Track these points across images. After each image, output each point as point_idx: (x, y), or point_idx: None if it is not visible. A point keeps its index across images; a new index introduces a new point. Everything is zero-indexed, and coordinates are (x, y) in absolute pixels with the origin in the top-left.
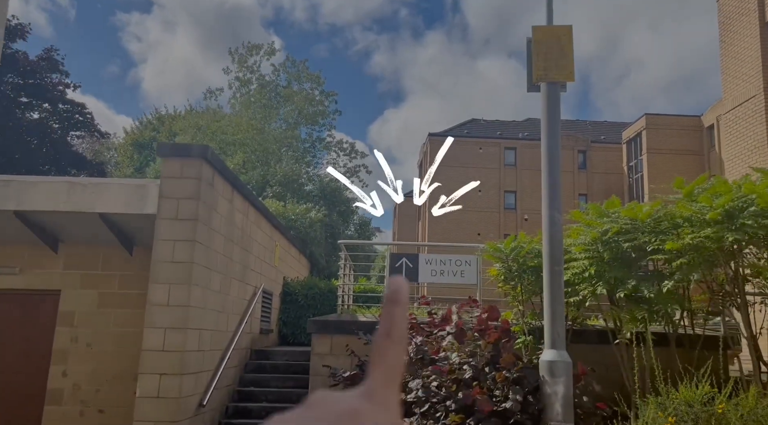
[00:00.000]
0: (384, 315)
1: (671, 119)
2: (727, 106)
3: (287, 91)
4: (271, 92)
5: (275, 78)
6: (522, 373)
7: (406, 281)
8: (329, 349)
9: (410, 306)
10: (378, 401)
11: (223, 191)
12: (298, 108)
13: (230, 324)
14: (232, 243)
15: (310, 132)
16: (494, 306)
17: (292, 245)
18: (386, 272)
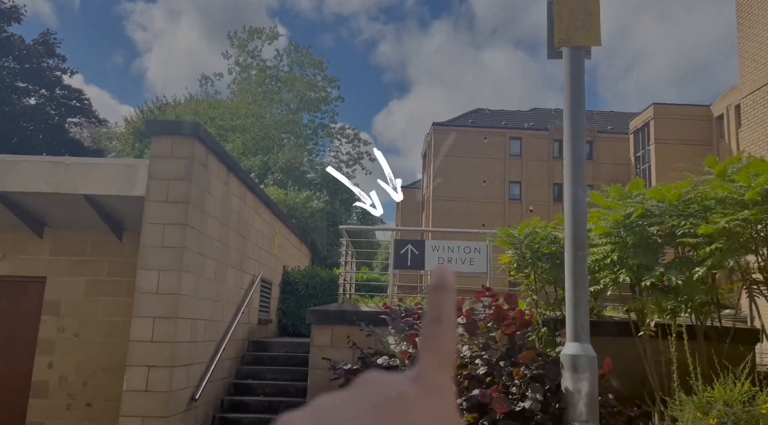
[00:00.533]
0: (432, 301)
1: (680, 109)
2: (744, 91)
3: (289, 76)
4: (272, 77)
5: (277, 63)
6: (541, 369)
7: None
8: (329, 341)
9: (415, 297)
10: (428, 386)
11: (218, 173)
12: (299, 94)
13: (226, 314)
14: (227, 228)
15: (312, 118)
16: (513, 295)
17: (293, 233)
18: (390, 260)
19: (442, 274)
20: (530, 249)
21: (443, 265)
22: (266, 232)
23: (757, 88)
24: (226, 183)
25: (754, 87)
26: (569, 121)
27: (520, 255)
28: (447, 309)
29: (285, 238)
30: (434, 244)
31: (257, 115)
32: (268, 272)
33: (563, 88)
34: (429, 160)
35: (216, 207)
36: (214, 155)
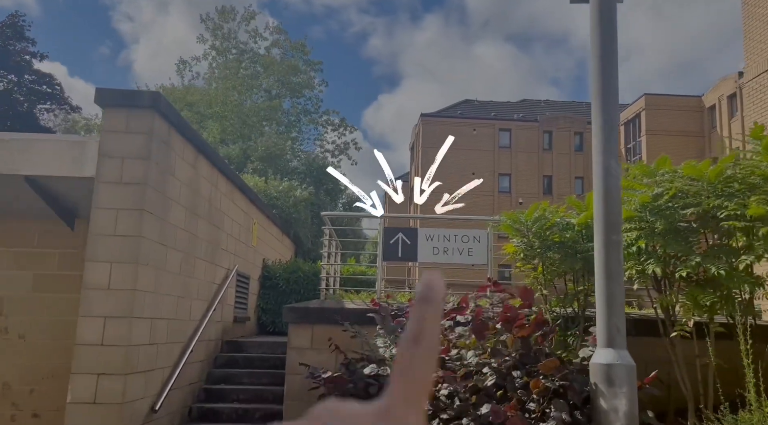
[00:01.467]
0: (413, 316)
1: (671, 100)
2: (750, 74)
3: (267, 59)
4: (250, 61)
5: (254, 46)
6: (565, 380)
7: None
8: (309, 342)
9: (406, 292)
10: (395, 422)
11: (184, 152)
12: (280, 78)
13: (195, 312)
14: (196, 216)
15: (295, 104)
16: (530, 289)
17: (274, 224)
18: (379, 250)
19: (429, 283)
20: (539, 238)
21: (433, 272)
22: (243, 222)
23: (764, 70)
24: (193, 165)
25: (760, 69)
26: (599, 78)
27: (528, 244)
28: (429, 328)
29: (265, 230)
30: (428, 233)
31: (235, 102)
32: (245, 265)
33: (590, 38)
34: (417, 152)
35: (181, 192)
36: (178, 132)
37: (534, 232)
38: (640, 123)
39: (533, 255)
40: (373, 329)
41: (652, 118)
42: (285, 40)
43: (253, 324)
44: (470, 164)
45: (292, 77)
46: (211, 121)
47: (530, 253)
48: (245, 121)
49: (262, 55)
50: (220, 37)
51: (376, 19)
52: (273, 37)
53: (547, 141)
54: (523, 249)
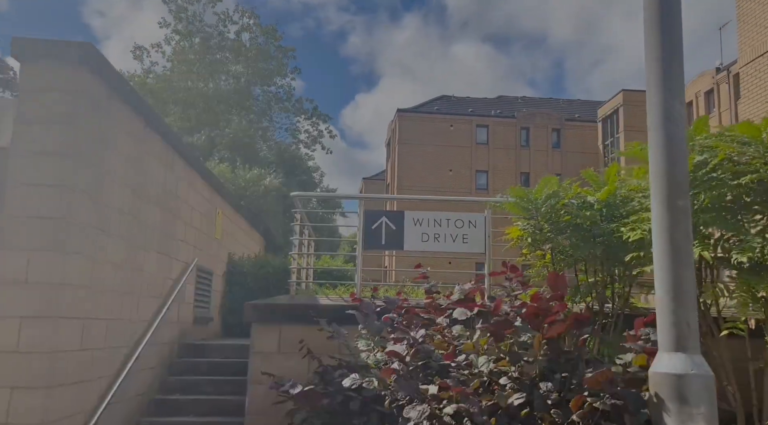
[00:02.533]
0: None
1: None
2: (745, 58)
3: (236, 43)
4: (217, 46)
5: (223, 29)
6: (618, 398)
7: None
8: (276, 346)
9: (392, 286)
10: None
11: (127, 123)
12: (249, 64)
13: (144, 311)
14: (145, 200)
15: (266, 92)
16: (560, 276)
17: (242, 217)
18: (359, 236)
19: None
20: (549, 219)
21: None
22: (205, 211)
23: (760, 54)
24: (141, 139)
25: (756, 53)
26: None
27: (536, 227)
28: None
29: (232, 222)
30: (417, 216)
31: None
32: (207, 260)
33: None
34: (393, 148)
35: (125, 169)
36: (119, 97)
37: (543, 213)
38: (618, 119)
39: (543, 239)
40: (354, 329)
41: (630, 114)
42: (255, 25)
43: (217, 325)
44: (447, 160)
45: (262, 63)
46: (174, 107)
47: (539, 238)
48: (212, 108)
49: (230, 40)
50: (185, 21)
51: (355, 18)
52: (243, 20)
53: (524, 137)
54: (530, 232)
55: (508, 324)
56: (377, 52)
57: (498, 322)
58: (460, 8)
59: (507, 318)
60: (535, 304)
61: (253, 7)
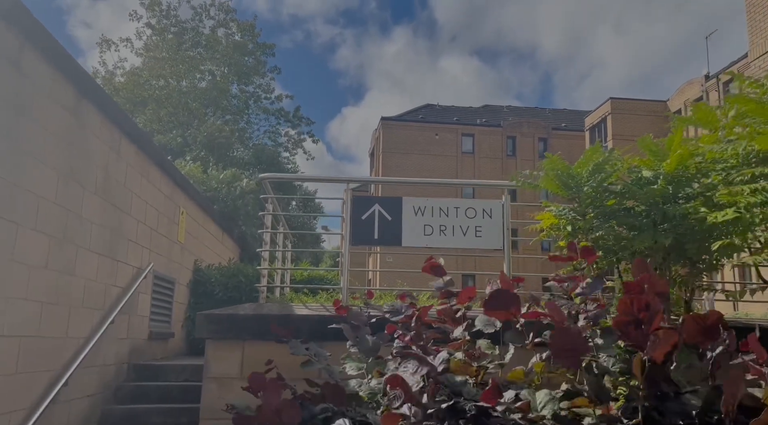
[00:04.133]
0: None
1: (637, 104)
2: (755, 53)
3: (212, 38)
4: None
5: (198, 24)
6: None
7: None
8: (238, 369)
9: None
10: None
11: (54, 90)
12: (225, 60)
13: (77, 326)
14: (79, 187)
15: (243, 91)
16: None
17: (212, 220)
18: (344, 229)
19: None
20: (594, 201)
21: None
22: (164, 209)
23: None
24: (74, 112)
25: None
26: None
27: (578, 211)
28: None
29: (200, 225)
30: (418, 203)
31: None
32: (168, 266)
33: None
34: (377, 157)
35: (50, 146)
36: (40, 53)
37: (587, 193)
38: (606, 127)
39: (588, 228)
40: (341, 346)
41: (618, 122)
42: (231, 20)
43: (179, 341)
44: (433, 169)
45: (239, 60)
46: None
47: (584, 225)
48: (185, 107)
49: (206, 36)
50: (158, 14)
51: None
52: (219, 16)
53: (510, 146)
54: (569, 219)
55: (583, 342)
56: (366, 64)
57: (566, 335)
58: (450, 22)
59: (578, 331)
60: (632, 306)
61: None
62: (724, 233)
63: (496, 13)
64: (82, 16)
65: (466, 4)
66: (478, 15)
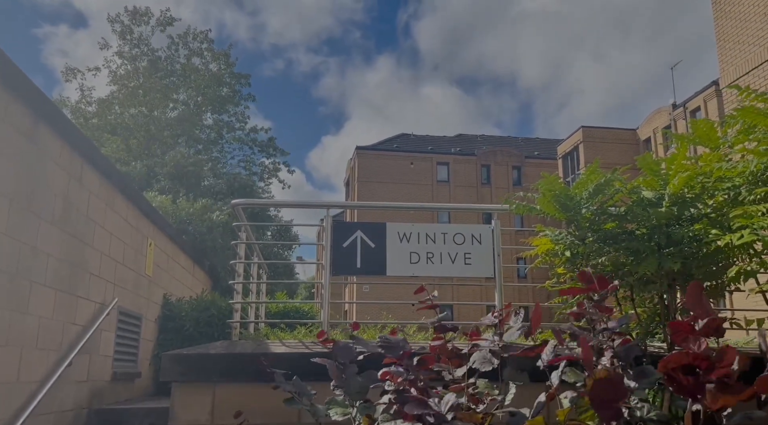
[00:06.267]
0: None
1: (608, 132)
2: (728, 79)
3: (185, 66)
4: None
5: (172, 53)
6: None
7: None
8: (209, 415)
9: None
10: None
11: (3, 108)
12: (198, 89)
13: (29, 370)
14: (34, 217)
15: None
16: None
17: (182, 252)
18: (325, 257)
19: None
20: (593, 225)
21: None
22: (130, 241)
23: (746, 72)
24: (29, 135)
25: (740, 72)
26: None
27: (577, 235)
28: None
29: (168, 256)
30: (403, 229)
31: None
32: (133, 301)
33: None
34: (353, 186)
35: (1, 172)
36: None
37: (585, 216)
38: (578, 156)
39: (588, 252)
40: (323, 387)
41: (590, 150)
42: (207, 50)
43: (146, 381)
44: (408, 199)
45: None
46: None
47: (584, 250)
48: (155, 136)
49: (180, 64)
50: (129, 43)
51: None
52: (194, 44)
53: (485, 175)
54: (567, 244)
55: (624, 390)
56: (348, 93)
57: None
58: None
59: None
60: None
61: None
62: (736, 256)
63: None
64: (60, 45)
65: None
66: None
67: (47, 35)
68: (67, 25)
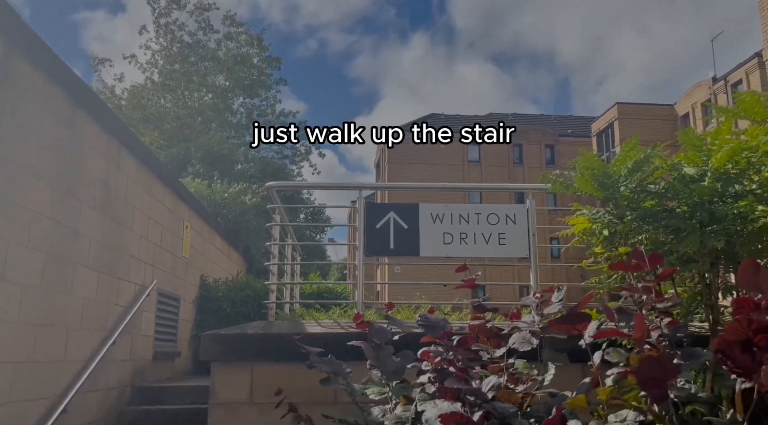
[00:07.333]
0: None
1: (644, 108)
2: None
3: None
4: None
5: (204, 38)
6: None
7: None
8: (247, 393)
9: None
10: None
11: (47, 97)
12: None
13: (75, 349)
14: (75, 201)
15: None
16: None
17: (217, 234)
18: (358, 238)
19: None
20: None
21: None
22: (168, 225)
23: None
24: (70, 123)
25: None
26: None
27: (615, 214)
28: None
29: (205, 239)
30: (436, 209)
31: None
32: (172, 282)
33: None
34: (383, 168)
35: (44, 159)
36: (32, 63)
37: (623, 195)
38: (613, 133)
39: (627, 231)
40: (358, 366)
41: (626, 127)
42: (238, 33)
43: (186, 360)
44: (439, 179)
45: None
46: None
47: (623, 229)
48: (187, 123)
49: (211, 49)
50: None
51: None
52: (226, 29)
53: (517, 154)
54: (605, 223)
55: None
56: (382, 72)
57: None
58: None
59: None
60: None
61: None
62: None
63: (514, 18)
64: (98, 31)
65: (484, 9)
66: (496, 20)
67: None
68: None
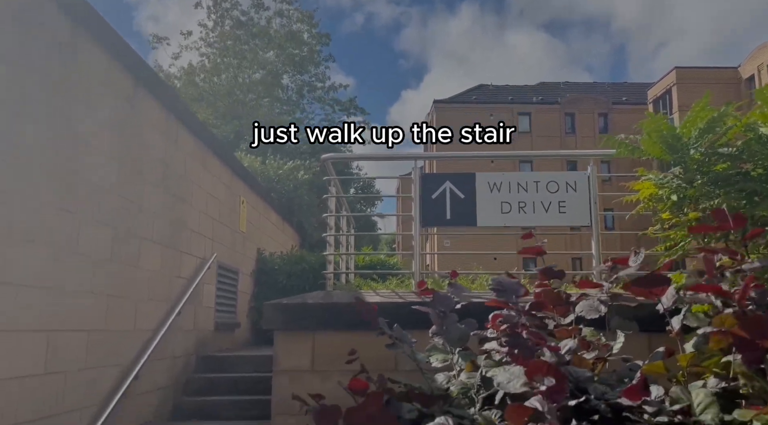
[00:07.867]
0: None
1: (704, 72)
2: None
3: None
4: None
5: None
6: None
7: None
8: (309, 361)
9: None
10: None
11: (109, 75)
12: (281, 50)
13: (144, 319)
14: (139, 177)
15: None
16: None
17: (272, 209)
18: (414, 208)
19: None
20: (702, 166)
21: None
22: (225, 200)
23: None
24: (129, 100)
25: None
26: None
27: (684, 178)
28: None
29: (260, 214)
30: (493, 178)
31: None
32: (231, 256)
33: None
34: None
35: (108, 136)
36: (96, 42)
37: (692, 158)
38: (671, 99)
39: (697, 196)
40: (418, 335)
41: (685, 92)
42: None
43: (245, 331)
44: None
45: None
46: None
47: (693, 194)
48: (240, 100)
49: (262, 26)
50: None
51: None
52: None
53: (569, 124)
54: (674, 188)
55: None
56: (430, 44)
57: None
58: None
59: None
60: None
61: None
62: None
63: None
64: (151, 11)
65: None
66: None
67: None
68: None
